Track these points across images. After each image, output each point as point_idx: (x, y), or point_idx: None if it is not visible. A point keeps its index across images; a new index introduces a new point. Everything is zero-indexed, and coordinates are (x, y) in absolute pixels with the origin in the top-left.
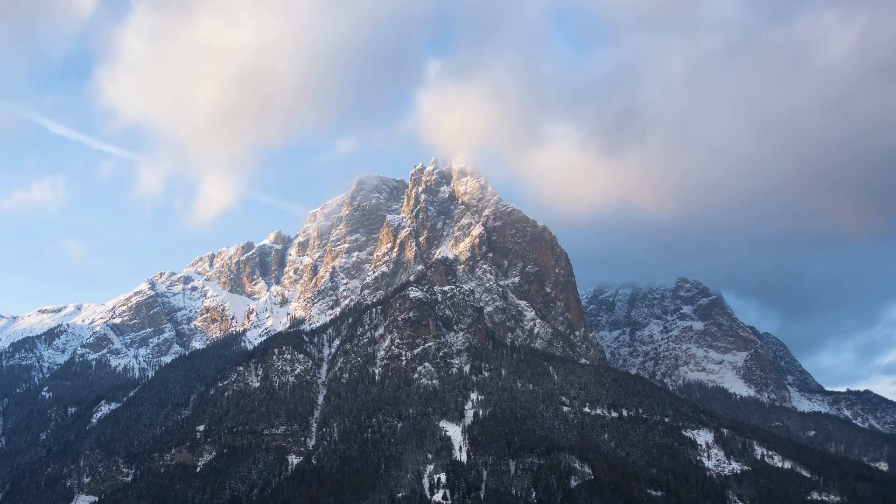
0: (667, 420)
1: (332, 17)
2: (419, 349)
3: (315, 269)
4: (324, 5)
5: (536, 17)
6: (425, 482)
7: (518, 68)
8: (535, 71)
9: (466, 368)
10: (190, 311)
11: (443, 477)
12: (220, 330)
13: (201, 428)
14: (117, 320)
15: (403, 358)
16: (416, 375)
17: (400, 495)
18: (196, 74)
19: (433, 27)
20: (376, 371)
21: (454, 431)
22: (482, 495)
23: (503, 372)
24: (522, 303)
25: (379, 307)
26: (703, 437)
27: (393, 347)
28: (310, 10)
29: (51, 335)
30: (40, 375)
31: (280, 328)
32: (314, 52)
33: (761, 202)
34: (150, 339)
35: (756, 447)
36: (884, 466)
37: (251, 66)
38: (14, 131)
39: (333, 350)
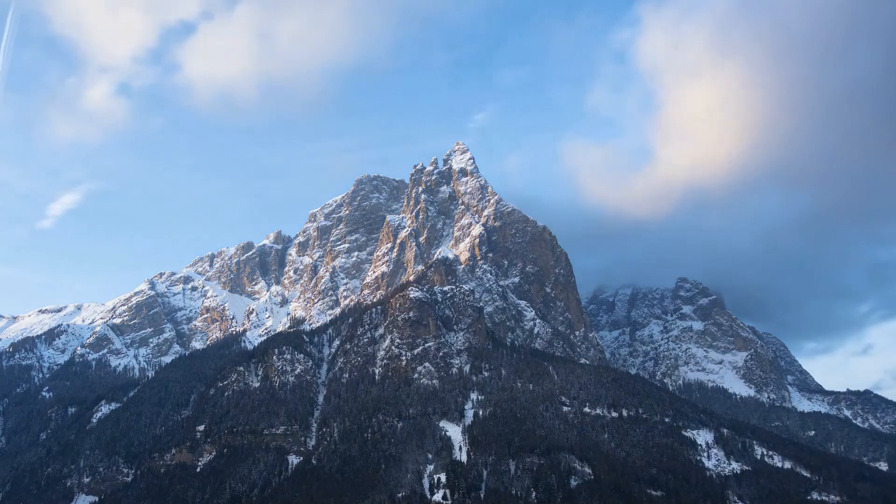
0: (667, 420)
1: None
2: (419, 349)
3: (315, 269)
4: None
5: None
6: (425, 482)
7: None
8: None
9: (466, 368)
10: (190, 311)
11: (443, 477)
12: (221, 330)
13: (201, 428)
14: (117, 320)
15: (403, 358)
16: (416, 375)
17: (400, 495)
18: None
19: None
20: (376, 371)
21: (454, 431)
22: (482, 495)
23: (503, 372)
24: (522, 303)
25: (379, 307)
26: (703, 437)
27: (393, 347)
28: None
29: (51, 335)
30: (40, 375)
31: (280, 328)
32: None
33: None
34: (150, 339)
35: (756, 447)
36: (884, 466)
37: None
38: None
39: (333, 350)
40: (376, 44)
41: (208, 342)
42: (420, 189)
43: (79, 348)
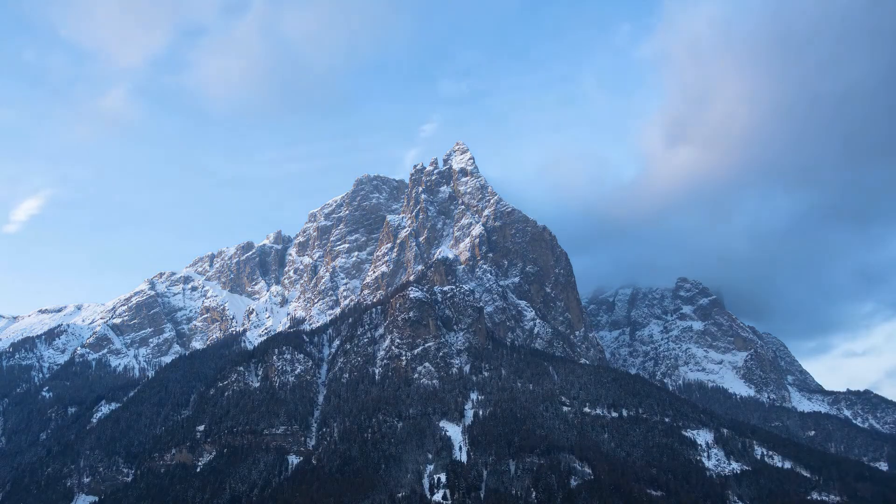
0: (667, 420)
1: None
2: (419, 349)
3: (315, 269)
4: None
5: None
6: (425, 482)
7: None
8: None
9: (466, 368)
10: (190, 311)
11: (443, 477)
12: (221, 330)
13: (201, 428)
14: (117, 320)
15: (403, 358)
16: (416, 375)
17: (400, 495)
18: None
19: None
20: (376, 371)
21: (454, 431)
22: (482, 495)
23: (503, 372)
24: (522, 303)
25: (379, 307)
26: (703, 437)
27: (393, 347)
28: None
29: (51, 335)
30: (40, 375)
31: (280, 328)
32: None
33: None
34: (150, 339)
35: (756, 447)
36: (884, 466)
37: None
38: None
39: (333, 350)
40: (390, 43)
41: (208, 342)
42: (420, 189)
43: (79, 348)
